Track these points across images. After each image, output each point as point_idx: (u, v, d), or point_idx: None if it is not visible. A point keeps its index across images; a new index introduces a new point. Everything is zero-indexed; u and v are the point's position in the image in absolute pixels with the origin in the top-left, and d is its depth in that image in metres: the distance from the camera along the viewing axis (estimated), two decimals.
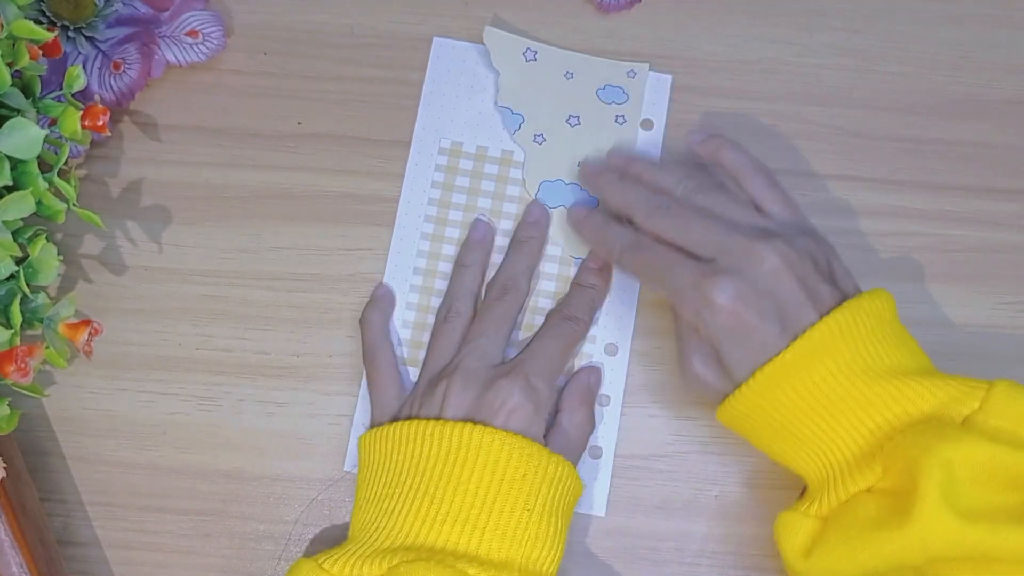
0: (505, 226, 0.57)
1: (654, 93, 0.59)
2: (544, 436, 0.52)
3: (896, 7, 0.60)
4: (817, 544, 0.46)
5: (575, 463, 0.51)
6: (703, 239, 0.49)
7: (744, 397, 0.47)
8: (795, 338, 0.46)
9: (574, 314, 0.54)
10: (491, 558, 0.46)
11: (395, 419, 0.51)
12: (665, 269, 0.49)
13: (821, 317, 0.46)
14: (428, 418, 0.49)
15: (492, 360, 0.51)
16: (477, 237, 0.56)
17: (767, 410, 0.47)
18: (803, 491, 0.50)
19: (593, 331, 0.56)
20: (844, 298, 0.48)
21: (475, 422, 0.48)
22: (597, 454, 0.54)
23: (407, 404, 0.52)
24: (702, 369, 0.49)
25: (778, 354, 0.46)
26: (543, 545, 0.47)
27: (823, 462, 0.47)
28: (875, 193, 0.58)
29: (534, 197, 0.57)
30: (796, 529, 0.47)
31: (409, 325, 0.56)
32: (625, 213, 0.53)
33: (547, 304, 0.56)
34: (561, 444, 0.51)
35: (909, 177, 0.58)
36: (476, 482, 0.47)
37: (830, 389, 0.46)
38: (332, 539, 0.53)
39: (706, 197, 0.51)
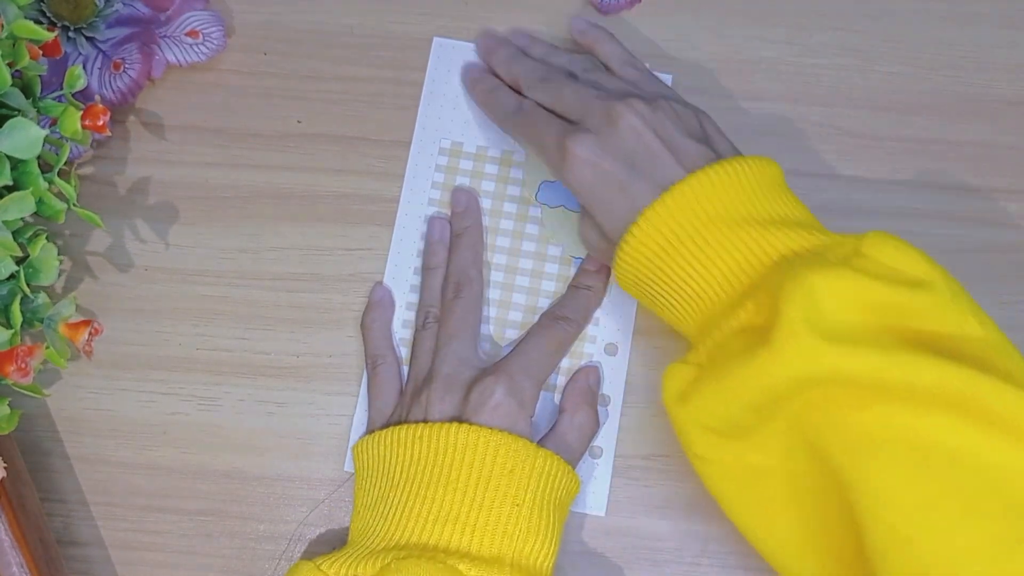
0: (505, 226, 0.57)
1: None
2: (544, 438, 0.52)
3: (896, 7, 0.60)
4: (693, 387, 0.46)
5: (574, 463, 0.51)
6: (573, 102, 0.51)
7: (626, 254, 0.48)
8: (663, 191, 0.47)
9: (565, 314, 0.54)
10: (482, 554, 0.46)
11: (386, 425, 0.51)
12: (537, 131, 0.52)
13: (690, 172, 0.47)
14: (415, 422, 0.49)
15: (468, 360, 0.52)
16: (436, 237, 0.56)
17: (648, 267, 0.48)
18: None
19: (593, 331, 0.56)
20: (717, 157, 0.48)
21: (461, 422, 0.48)
22: (597, 454, 0.54)
23: (396, 410, 0.52)
24: (589, 233, 0.51)
25: (647, 206, 0.47)
26: (535, 539, 0.47)
27: (699, 312, 0.47)
28: (875, 193, 0.58)
29: (534, 197, 0.57)
30: (676, 377, 0.47)
31: (409, 325, 0.56)
32: (514, 84, 0.56)
33: (547, 304, 0.56)
34: (557, 444, 0.51)
35: (909, 177, 0.58)
36: (464, 480, 0.47)
37: (703, 239, 0.46)
38: (332, 540, 0.53)
39: (588, 74, 0.54)
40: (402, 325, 0.56)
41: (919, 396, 0.40)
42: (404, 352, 0.55)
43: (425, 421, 0.49)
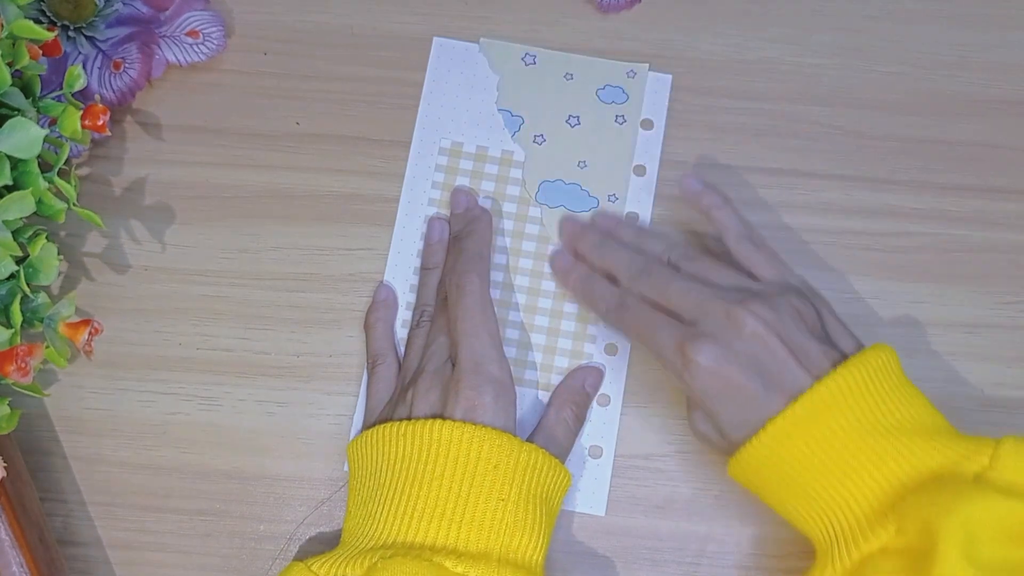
0: (505, 226, 0.57)
1: (654, 93, 0.59)
2: (532, 434, 0.52)
3: (895, 7, 0.60)
4: None
5: (562, 458, 0.51)
6: (684, 302, 0.49)
7: (747, 456, 0.47)
8: (791, 400, 0.46)
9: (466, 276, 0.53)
10: (468, 550, 0.46)
11: (376, 424, 0.51)
12: (649, 332, 0.50)
13: (816, 378, 0.46)
14: (400, 419, 0.49)
15: None
16: (435, 238, 0.56)
17: (773, 470, 0.47)
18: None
19: (593, 331, 0.56)
20: (841, 356, 0.47)
21: (444, 419, 0.48)
22: (597, 454, 0.54)
23: (385, 410, 0.52)
24: (703, 427, 0.50)
25: (775, 415, 0.46)
26: (522, 534, 0.47)
27: (832, 522, 0.46)
28: (875, 193, 0.58)
29: (534, 198, 0.57)
30: None
31: (408, 325, 0.56)
32: (608, 273, 0.54)
33: (547, 304, 0.56)
34: (542, 440, 0.52)
35: (909, 177, 0.58)
36: (449, 477, 0.47)
37: (835, 448, 0.45)
38: (331, 540, 0.53)
39: (691, 263, 0.52)
40: (402, 325, 0.56)
41: None
42: (403, 351, 0.55)
43: (409, 419, 0.49)
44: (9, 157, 0.48)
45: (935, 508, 0.43)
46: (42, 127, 0.49)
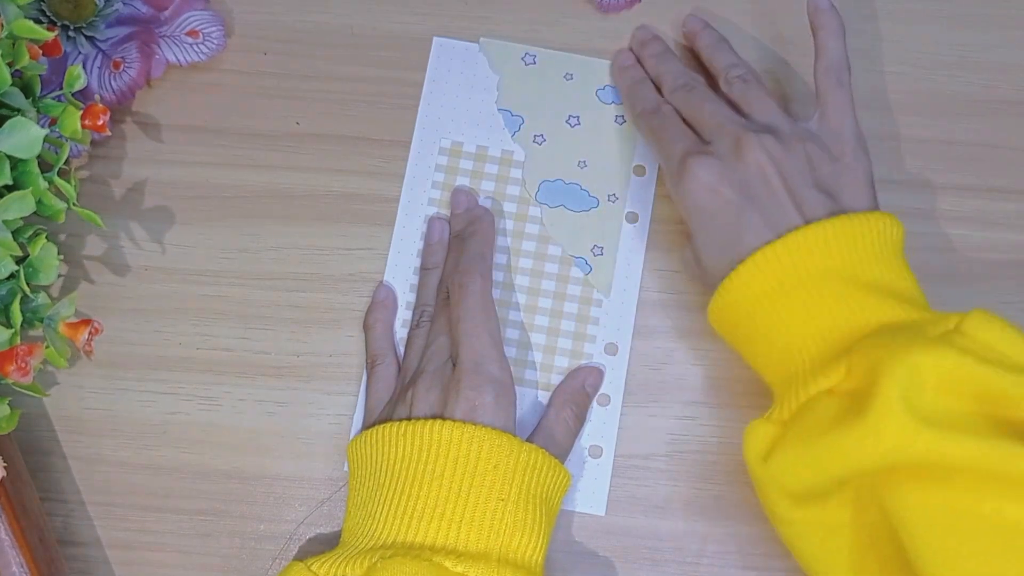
0: (505, 226, 0.57)
1: None
2: (532, 434, 0.52)
3: (895, 7, 0.60)
4: (776, 447, 0.46)
5: (561, 458, 0.51)
6: (709, 120, 0.51)
7: (724, 292, 0.48)
8: (778, 236, 0.46)
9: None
10: (468, 550, 0.46)
11: (376, 424, 0.51)
12: (666, 138, 0.52)
13: (807, 221, 0.47)
14: (400, 419, 0.49)
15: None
16: (436, 238, 0.56)
17: (745, 309, 0.47)
18: None
19: (593, 330, 0.56)
20: (840, 210, 0.48)
21: (444, 419, 0.48)
22: (597, 454, 0.54)
23: (384, 410, 0.52)
24: (689, 257, 0.51)
25: (759, 248, 0.46)
26: (522, 534, 0.47)
27: (788, 365, 0.47)
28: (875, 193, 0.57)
29: (534, 197, 0.57)
30: (758, 434, 0.47)
31: (408, 325, 0.56)
32: (657, 80, 0.56)
33: (547, 304, 0.56)
34: (542, 440, 0.52)
35: (908, 177, 0.58)
36: (449, 477, 0.47)
37: (806, 290, 0.46)
38: (331, 539, 0.53)
39: (743, 87, 0.53)
40: (402, 325, 0.56)
41: (1013, 484, 0.40)
42: (403, 352, 0.55)
43: (409, 419, 0.49)
44: (9, 157, 0.48)
45: (884, 351, 0.43)
46: (42, 127, 0.49)
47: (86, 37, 0.57)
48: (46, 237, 0.50)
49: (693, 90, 0.53)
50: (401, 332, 0.56)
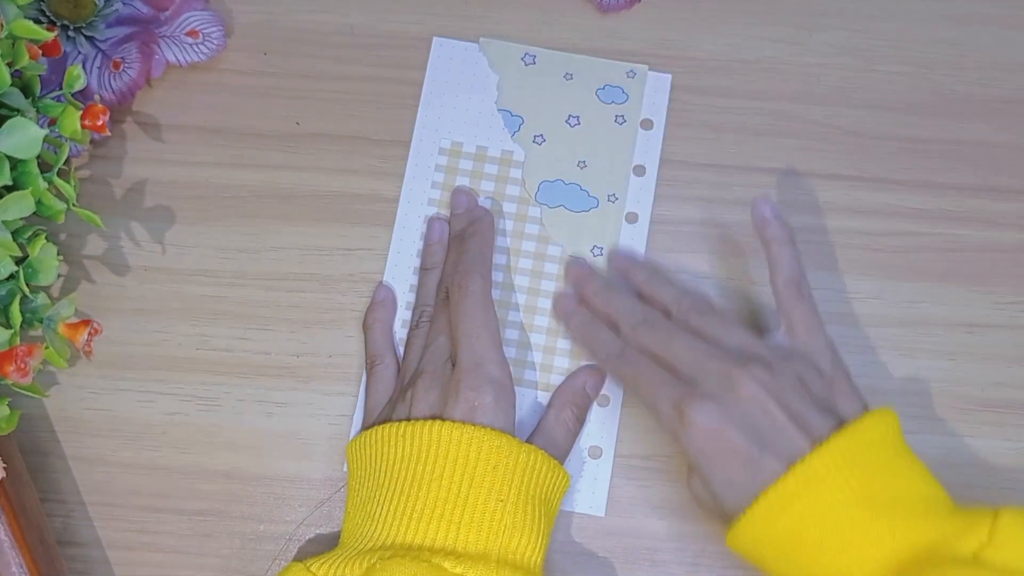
0: (505, 226, 0.57)
1: (654, 93, 0.59)
2: (531, 434, 0.52)
3: (896, 7, 0.60)
4: None
5: (561, 459, 0.51)
6: (685, 358, 0.49)
7: (745, 526, 0.46)
8: (788, 465, 0.45)
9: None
10: (467, 551, 0.46)
11: (375, 424, 0.51)
12: (647, 387, 0.49)
13: (814, 444, 0.45)
14: (399, 420, 0.49)
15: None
16: (435, 238, 0.56)
17: (770, 541, 0.46)
18: None
19: None
20: (840, 423, 0.47)
21: (443, 419, 0.48)
22: (597, 454, 0.54)
23: (384, 410, 0.52)
24: (699, 490, 0.49)
25: (772, 482, 0.45)
26: (521, 535, 0.47)
27: None
28: (875, 193, 0.58)
29: (533, 198, 0.57)
30: None
31: (408, 325, 0.56)
32: (611, 320, 0.53)
33: (547, 304, 0.56)
34: (542, 441, 0.51)
35: (909, 176, 0.58)
36: (448, 477, 0.47)
37: (830, 521, 0.45)
38: (331, 540, 0.53)
39: (699, 317, 0.51)
40: (401, 325, 0.56)
41: None
42: (402, 352, 0.55)
43: (409, 419, 0.49)
44: (9, 157, 0.48)
45: None
46: (42, 127, 0.49)
47: (86, 37, 0.57)
48: (46, 237, 0.50)
49: (655, 326, 0.51)
50: (401, 332, 0.56)
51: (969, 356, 0.56)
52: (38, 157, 0.49)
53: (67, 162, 0.54)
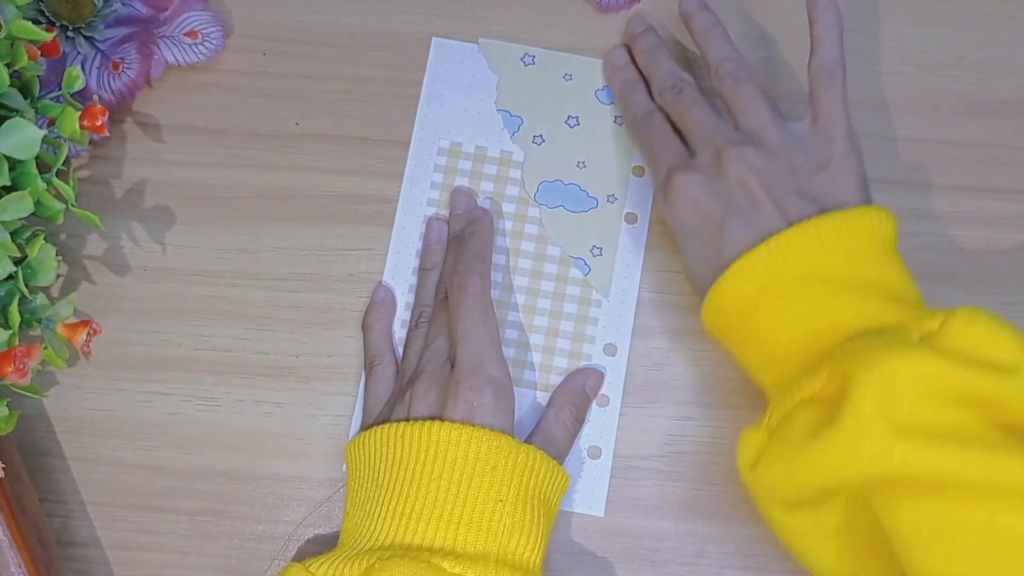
0: (504, 226, 0.57)
1: None
2: (530, 435, 0.52)
3: (894, 7, 0.60)
4: (762, 456, 0.46)
5: (560, 459, 0.51)
6: (694, 129, 0.51)
7: (711, 300, 0.48)
8: (760, 240, 0.46)
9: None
10: (466, 551, 0.46)
11: (374, 425, 0.51)
12: (655, 149, 0.52)
13: (790, 223, 0.47)
14: (398, 420, 0.49)
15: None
16: (434, 238, 0.56)
17: (733, 315, 0.47)
18: None
19: (592, 331, 0.56)
20: (824, 211, 0.47)
21: (442, 420, 0.48)
22: (596, 454, 0.54)
23: (383, 410, 0.52)
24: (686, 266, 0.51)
25: (741, 254, 0.47)
26: (519, 535, 0.47)
27: (777, 371, 0.47)
28: (874, 193, 0.57)
29: (533, 198, 0.57)
30: (748, 443, 0.47)
31: (407, 326, 0.56)
32: (648, 79, 0.56)
33: (546, 304, 0.56)
34: (540, 441, 0.51)
35: (908, 177, 0.58)
36: (447, 478, 0.47)
37: (792, 295, 0.46)
38: (330, 540, 0.53)
39: (733, 86, 0.52)
40: (400, 326, 0.56)
41: (1002, 491, 0.39)
42: (402, 352, 0.55)
43: (408, 419, 0.49)
44: (7, 158, 0.48)
45: (859, 357, 0.42)
46: (40, 128, 0.49)
47: (85, 38, 0.57)
48: (44, 238, 0.50)
49: (680, 93, 0.53)
50: (400, 332, 0.56)
51: None
52: (37, 158, 0.49)
53: (66, 163, 0.54)
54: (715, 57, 0.54)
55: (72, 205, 0.51)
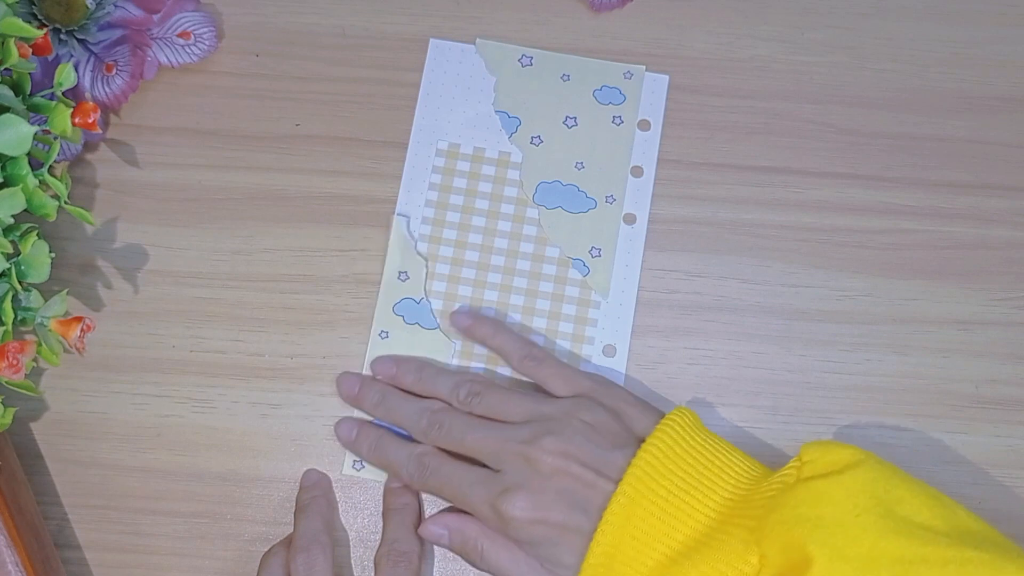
0: (503, 227, 0.57)
1: (651, 94, 0.59)
2: None
3: (887, 4, 0.61)
4: None
5: None
6: (483, 449, 0.49)
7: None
8: (596, 521, 0.46)
9: (402, 549, 0.51)
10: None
11: None
12: (458, 492, 0.49)
13: (616, 483, 0.47)
14: None
15: None
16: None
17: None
18: None
19: (591, 332, 0.55)
20: (639, 444, 0.48)
21: None
22: None
23: None
24: None
25: (592, 541, 0.46)
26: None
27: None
28: (868, 190, 0.58)
29: (531, 199, 0.57)
30: None
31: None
32: (395, 425, 0.53)
33: (545, 306, 0.56)
34: None
35: (901, 174, 0.58)
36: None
37: (647, 537, 0.46)
38: None
39: (480, 402, 0.51)
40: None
41: None
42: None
43: None
44: None
45: (791, 526, 0.43)
46: (33, 125, 0.48)
47: (78, 40, 0.56)
48: (38, 235, 0.50)
49: (443, 426, 0.51)
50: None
51: (962, 353, 0.56)
52: (29, 155, 0.49)
53: (58, 161, 0.53)
54: (512, 350, 0.53)
55: (65, 202, 0.50)
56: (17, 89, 0.51)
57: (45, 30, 0.50)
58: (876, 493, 0.44)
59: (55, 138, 0.51)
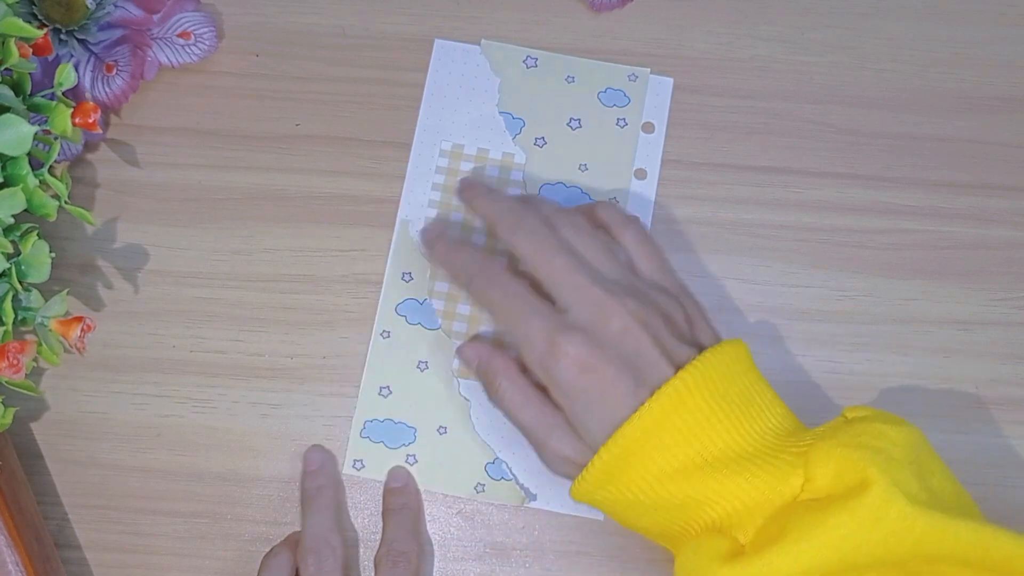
0: None
1: (655, 96, 0.59)
2: None
3: (888, 4, 0.61)
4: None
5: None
6: (561, 280, 0.47)
7: (603, 462, 0.45)
8: (652, 392, 0.45)
9: (401, 549, 0.51)
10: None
11: None
12: (513, 312, 0.48)
13: (678, 367, 0.46)
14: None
15: None
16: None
17: (625, 480, 0.45)
18: None
19: None
20: (700, 351, 0.47)
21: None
22: None
23: None
24: (559, 445, 0.47)
25: (636, 409, 0.45)
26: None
27: (711, 508, 0.45)
28: (867, 190, 0.58)
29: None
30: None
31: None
32: (490, 224, 0.51)
33: None
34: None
35: (901, 174, 0.58)
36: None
37: (686, 433, 0.45)
38: None
39: (579, 235, 0.49)
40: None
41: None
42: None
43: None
44: None
45: (852, 449, 0.43)
46: (33, 125, 0.48)
47: (78, 40, 0.56)
48: (38, 235, 0.50)
49: (536, 231, 0.49)
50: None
51: (963, 353, 0.56)
52: (29, 155, 0.49)
53: (59, 161, 0.53)
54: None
55: (66, 202, 0.50)
56: (17, 89, 0.51)
57: (45, 30, 0.50)
58: (920, 457, 0.45)
59: (55, 138, 0.51)
